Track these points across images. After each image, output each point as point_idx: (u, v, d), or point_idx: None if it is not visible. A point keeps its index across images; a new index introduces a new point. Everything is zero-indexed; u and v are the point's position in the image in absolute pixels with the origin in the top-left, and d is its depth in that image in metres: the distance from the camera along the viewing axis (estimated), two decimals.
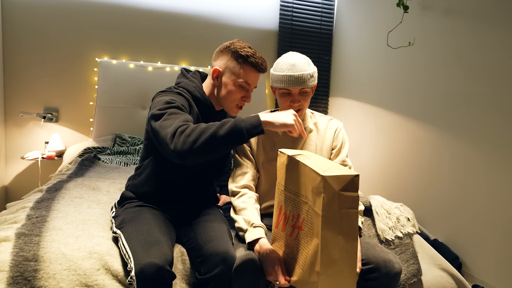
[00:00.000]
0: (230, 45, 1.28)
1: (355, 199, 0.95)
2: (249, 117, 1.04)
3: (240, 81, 1.26)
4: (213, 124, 1.03)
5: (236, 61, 1.26)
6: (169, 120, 1.09)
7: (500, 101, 1.73)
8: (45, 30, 2.65)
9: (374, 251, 1.21)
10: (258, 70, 1.28)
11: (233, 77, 1.27)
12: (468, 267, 1.85)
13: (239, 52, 1.25)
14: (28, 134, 2.69)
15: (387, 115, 2.51)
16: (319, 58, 3.24)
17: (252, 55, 1.25)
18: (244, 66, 1.26)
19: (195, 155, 1.01)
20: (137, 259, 1.02)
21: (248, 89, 1.29)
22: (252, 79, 1.28)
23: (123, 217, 1.23)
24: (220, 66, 1.28)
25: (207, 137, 0.99)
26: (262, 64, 1.28)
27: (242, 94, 1.29)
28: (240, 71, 1.26)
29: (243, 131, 1.01)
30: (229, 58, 1.27)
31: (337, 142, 1.41)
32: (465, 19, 1.92)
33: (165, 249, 1.06)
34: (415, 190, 2.23)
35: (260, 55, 1.29)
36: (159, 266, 0.99)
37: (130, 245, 1.09)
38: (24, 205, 1.41)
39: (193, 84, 1.32)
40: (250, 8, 3.09)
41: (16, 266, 1.04)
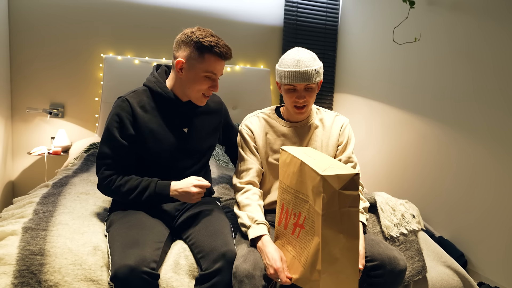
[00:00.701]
0: (192, 35, 1.22)
1: (356, 197, 0.94)
2: (163, 187, 1.24)
3: (205, 72, 1.24)
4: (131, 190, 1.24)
5: (199, 52, 1.22)
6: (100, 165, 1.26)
7: (508, 97, 1.71)
8: (51, 26, 2.66)
9: (379, 248, 1.20)
10: (223, 59, 1.25)
11: (197, 68, 1.23)
12: (473, 264, 1.84)
13: (201, 43, 1.21)
14: (35, 129, 2.71)
15: (393, 111, 2.49)
16: (324, 54, 3.21)
17: (216, 44, 1.21)
18: (208, 56, 1.22)
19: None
20: (113, 263, 1.03)
21: (214, 78, 1.27)
22: (218, 68, 1.25)
23: (112, 219, 1.24)
24: (183, 58, 1.24)
25: (127, 200, 1.25)
26: (227, 53, 1.24)
27: (209, 84, 1.27)
28: (203, 62, 1.22)
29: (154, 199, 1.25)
30: (191, 49, 1.22)
31: (343, 138, 1.40)
32: (471, 14, 1.90)
33: (144, 250, 1.05)
34: (421, 187, 2.21)
35: (224, 42, 1.24)
36: (132, 268, 0.99)
37: (111, 249, 1.10)
38: (31, 200, 1.43)
39: (154, 79, 1.31)
40: (254, 4, 3.07)
41: (22, 260, 1.06)
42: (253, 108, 2.90)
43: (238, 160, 1.40)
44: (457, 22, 1.99)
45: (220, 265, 1.09)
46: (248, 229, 1.20)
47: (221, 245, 1.12)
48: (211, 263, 1.10)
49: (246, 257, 1.11)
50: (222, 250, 1.11)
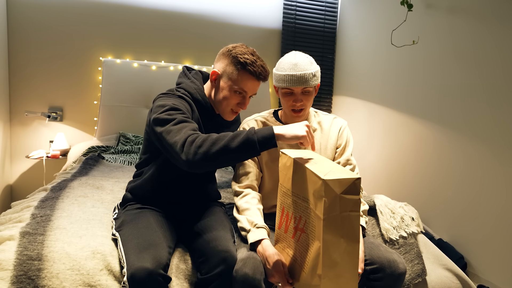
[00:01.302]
0: (232, 49, 1.25)
1: (357, 202, 0.94)
2: (262, 128, 1.04)
3: (236, 87, 1.24)
4: (224, 135, 1.04)
5: (235, 67, 1.23)
6: (176, 127, 1.09)
7: (507, 98, 1.71)
8: (50, 29, 2.66)
9: (379, 251, 1.20)
10: (257, 79, 1.24)
11: (229, 82, 1.24)
12: (473, 267, 1.84)
13: (238, 58, 1.22)
14: (33, 133, 2.70)
15: (391, 113, 2.49)
16: (322, 57, 3.22)
17: (252, 63, 1.21)
18: (242, 73, 1.22)
19: (206, 166, 1.03)
20: (129, 263, 1.02)
21: (244, 95, 1.27)
22: (249, 87, 1.25)
23: (123, 219, 1.23)
24: (219, 69, 1.26)
25: (218, 149, 1.01)
26: (262, 74, 1.23)
27: (238, 100, 1.27)
28: (237, 77, 1.23)
29: (255, 144, 1.01)
30: (228, 63, 1.24)
31: (342, 141, 1.40)
32: (469, 17, 1.90)
33: (159, 252, 1.05)
34: (420, 189, 2.21)
35: (262, 63, 1.24)
36: (150, 271, 0.99)
37: (125, 249, 1.09)
38: (28, 204, 1.42)
39: (194, 86, 1.30)
40: (253, 7, 3.08)
41: (20, 265, 1.05)
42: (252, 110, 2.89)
43: (237, 164, 1.39)
44: (455, 25, 1.99)
45: (220, 270, 1.09)
46: (248, 233, 1.20)
47: (222, 250, 1.12)
48: (212, 268, 1.10)
49: (246, 261, 1.11)
50: (223, 255, 1.11)
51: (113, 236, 1.21)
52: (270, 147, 1.03)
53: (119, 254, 1.12)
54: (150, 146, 1.30)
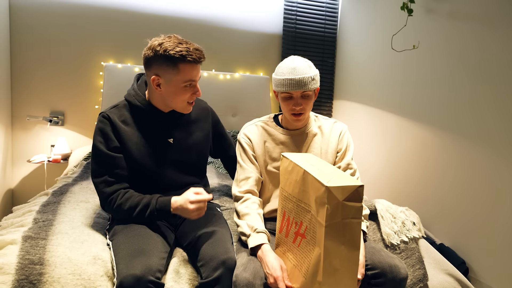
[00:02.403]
0: (159, 48, 1.16)
1: (359, 209, 0.94)
2: (163, 203, 1.21)
3: (184, 83, 1.21)
4: (133, 208, 1.21)
5: (173, 64, 1.16)
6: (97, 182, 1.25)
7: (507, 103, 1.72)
8: (52, 34, 2.68)
9: (380, 256, 1.20)
10: (197, 63, 1.20)
11: (174, 81, 1.19)
12: (475, 272, 1.83)
13: (171, 54, 1.15)
14: (35, 137, 2.71)
15: (392, 118, 2.50)
16: (323, 61, 3.24)
17: (187, 52, 1.16)
18: (182, 66, 1.17)
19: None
20: (119, 272, 1.03)
21: (194, 85, 1.25)
22: (194, 74, 1.22)
23: (115, 228, 1.23)
24: (156, 73, 1.20)
25: (130, 217, 1.23)
26: (200, 57, 1.19)
27: (190, 91, 1.25)
28: (179, 73, 1.18)
29: (155, 215, 1.22)
30: (162, 63, 1.17)
31: (342, 145, 1.40)
32: (469, 22, 1.91)
33: (149, 259, 1.05)
34: (421, 194, 2.21)
35: (194, 45, 1.19)
36: (139, 278, 0.99)
37: (116, 258, 1.10)
38: (30, 209, 1.42)
39: (133, 93, 1.29)
40: (254, 12, 3.10)
41: (21, 269, 1.05)
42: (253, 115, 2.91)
43: (237, 169, 1.40)
44: (455, 29, 2.00)
45: (220, 273, 1.09)
46: (248, 238, 1.20)
47: (221, 253, 1.12)
48: (211, 271, 1.10)
49: (246, 266, 1.11)
50: (222, 258, 1.11)
51: (108, 246, 1.21)
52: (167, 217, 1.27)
53: (112, 263, 1.12)
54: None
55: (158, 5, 2.87)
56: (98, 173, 1.24)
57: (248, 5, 3.08)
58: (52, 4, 2.65)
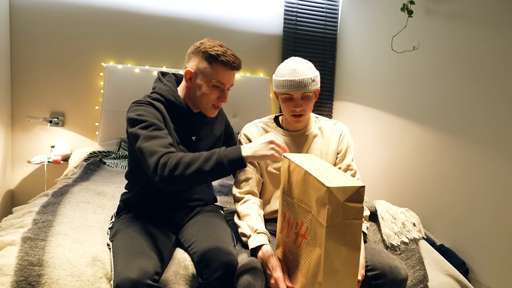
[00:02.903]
0: (200, 45, 1.25)
1: (360, 210, 0.94)
2: (231, 150, 1.05)
3: (213, 81, 1.24)
4: (197, 158, 1.05)
5: (207, 61, 1.23)
6: (147, 146, 1.10)
7: (508, 104, 1.72)
8: (52, 35, 2.68)
9: (380, 257, 1.20)
10: (231, 68, 1.24)
11: (205, 78, 1.24)
12: (475, 273, 1.83)
13: (209, 52, 1.22)
14: (35, 138, 2.71)
15: (392, 119, 2.49)
16: (323, 62, 3.24)
17: (223, 53, 1.22)
18: (215, 65, 1.23)
19: (180, 187, 1.06)
20: (116, 274, 1.02)
21: (223, 88, 1.27)
22: (225, 78, 1.25)
23: (116, 228, 1.23)
24: (192, 68, 1.26)
25: (192, 172, 1.03)
26: (234, 62, 1.24)
27: (217, 94, 1.26)
28: (211, 71, 1.23)
29: (225, 167, 1.04)
30: (200, 59, 1.24)
31: (342, 146, 1.40)
32: (469, 22, 1.91)
33: (147, 262, 1.04)
34: (421, 195, 2.21)
35: (232, 52, 1.25)
36: (135, 281, 0.98)
37: (114, 259, 1.09)
38: (30, 210, 1.42)
39: (167, 88, 1.30)
40: (254, 13, 3.10)
41: (20, 271, 1.05)
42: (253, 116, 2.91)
43: (238, 170, 1.40)
44: (455, 31, 2.00)
45: (221, 273, 1.09)
46: (248, 238, 1.20)
47: (223, 254, 1.12)
48: (213, 272, 1.10)
49: (246, 267, 1.11)
50: (224, 259, 1.11)
51: (108, 246, 1.21)
52: (240, 168, 1.05)
53: (111, 264, 1.12)
54: (131, 156, 1.30)
55: (159, 6, 2.88)
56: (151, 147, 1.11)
57: (248, 6, 3.08)
58: (52, 5, 2.65)
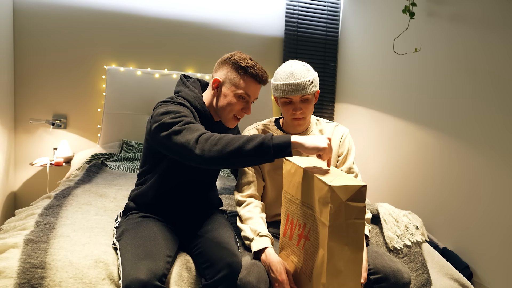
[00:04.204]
0: (231, 56, 1.28)
1: (362, 209, 0.94)
2: (279, 136, 1.02)
3: (240, 92, 1.26)
4: (240, 137, 1.03)
5: (236, 72, 1.26)
6: (185, 127, 1.10)
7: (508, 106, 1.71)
8: (55, 38, 2.69)
9: (383, 260, 1.19)
10: (258, 82, 1.28)
11: (233, 87, 1.26)
12: (479, 276, 1.81)
13: (239, 63, 1.25)
14: (37, 140, 2.72)
15: (394, 121, 2.49)
16: (324, 64, 3.24)
17: (253, 66, 1.25)
18: (244, 77, 1.26)
19: (219, 163, 1.04)
20: (125, 274, 1.02)
21: (248, 100, 1.29)
22: (252, 91, 1.27)
23: (124, 228, 1.23)
24: (220, 77, 1.29)
25: (233, 149, 1.01)
26: (263, 76, 1.27)
27: (242, 105, 1.28)
28: (240, 81, 1.26)
29: (270, 150, 0.99)
30: (229, 69, 1.27)
31: (343, 149, 1.40)
32: (470, 25, 1.91)
33: (155, 263, 1.05)
34: (423, 197, 2.20)
35: (261, 66, 1.29)
36: (144, 282, 0.98)
37: (122, 259, 1.09)
38: (32, 212, 1.43)
39: (193, 94, 1.31)
40: (255, 15, 3.11)
41: (23, 273, 1.05)
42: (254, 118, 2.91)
43: (239, 174, 1.39)
44: (457, 32, 2.00)
45: (224, 274, 1.09)
46: (251, 242, 1.20)
47: (227, 255, 1.12)
48: (217, 272, 1.10)
49: (250, 270, 1.11)
50: (228, 260, 1.11)
51: (114, 246, 1.21)
52: (284, 156, 1.00)
53: (118, 264, 1.12)
54: (150, 155, 1.31)
55: (160, 8, 2.89)
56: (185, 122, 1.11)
57: (250, 8, 3.09)
58: (55, 9, 2.67)
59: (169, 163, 1.28)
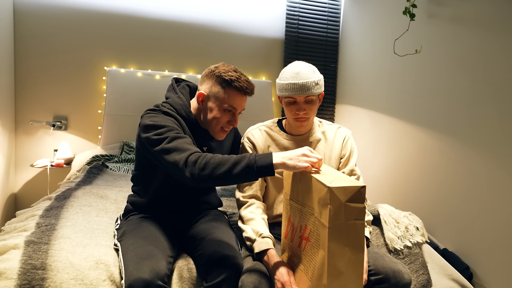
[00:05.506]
0: (215, 69, 1.27)
1: (362, 210, 0.94)
2: (262, 157, 1.05)
3: (225, 105, 1.26)
4: (227, 160, 1.06)
5: (220, 86, 1.25)
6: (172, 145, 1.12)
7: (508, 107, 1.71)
8: (55, 40, 2.70)
9: (383, 261, 1.19)
10: (244, 94, 1.27)
11: (218, 101, 1.26)
12: (479, 277, 1.81)
13: (223, 77, 1.24)
14: (38, 142, 2.73)
15: (394, 122, 2.49)
16: (325, 66, 3.24)
17: (237, 79, 1.24)
18: (228, 90, 1.25)
19: (210, 184, 1.08)
20: (127, 274, 1.03)
21: (234, 112, 1.29)
22: (237, 103, 1.27)
23: (124, 229, 1.24)
24: (205, 91, 1.28)
25: (221, 174, 1.05)
26: (248, 88, 1.26)
27: (228, 117, 1.28)
28: (224, 95, 1.25)
29: (254, 172, 1.04)
30: (213, 83, 1.26)
31: (346, 151, 1.40)
32: (470, 27, 1.92)
33: (158, 263, 1.05)
34: (424, 198, 2.20)
35: (246, 78, 1.28)
36: (147, 282, 0.99)
37: (124, 259, 1.09)
38: (33, 213, 1.43)
39: (180, 101, 1.31)
40: (256, 16, 3.12)
41: (24, 274, 1.05)
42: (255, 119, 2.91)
43: None
44: (457, 34, 2.00)
45: (226, 276, 1.09)
46: (253, 243, 1.20)
47: (228, 257, 1.13)
48: (218, 274, 1.10)
49: (251, 272, 1.11)
50: (229, 261, 1.11)
51: (115, 246, 1.22)
52: (268, 175, 1.05)
53: (119, 264, 1.12)
54: (142, 161, 1.31)
55: (161, 10, 2.89)
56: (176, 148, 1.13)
57: (250, 10, 3.10)
58: (55, 10, 2.67)
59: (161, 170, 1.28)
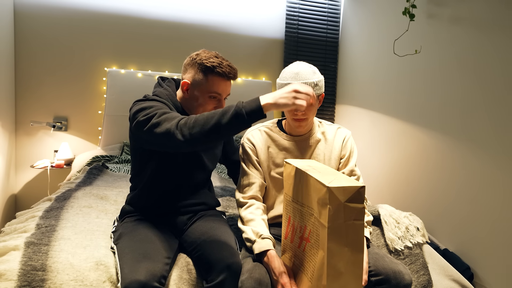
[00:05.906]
0: (196, 57, 1.27)
1: (361, 210, 0.94)
2: (249, 101, 1.04)
3: (210, 92, 1.26)
4: (214, 113, 1.05)
5: (203, 73, 1.25)
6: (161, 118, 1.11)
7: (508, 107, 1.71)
8: (55, 41, 2.70)
9: (384, 262, 1.19)
10: (227, 79, 1.27)
11: (202, 89, 1.26)
12: (480, 277, 1.81)
13: (204, 64, 1.24)
14: (38, 142, 2.73)
15: (394, 122, 2.49)
16: (325, 66, 3.24)
17: (219, 64, 1.24)
18: (211, 77, 1.25)
19: (203, 142, 1.06)
20: (123, 276, 1.02)
21: (220, 98, 1.29)
22: (222, 89, 1.27)
23: (121, 232, 1.24)
24: (188, 79, 1.28)
25: (211, 127, 1.04)
26: (230, 72, 1.26)
27: (214, 104, 1.29)
28: (208, 82, 1.25)
29: (244, 117, 1.03)
30: (196, 71, 1.26)
31: (346, 151, 1.40)
32: (470, 27, 1.92)
33: (154, 264, 1.05)
34: (425, 199, 2.20)
35: (228, 62, 1.27)
36: (143, 284, 0.99)
37: (120, 262, 1.09)
38: (33, 214, 1.43)
39: (166, 92, 1.32)
40: (256, 17, 3.12)
41: (24, 276, 1.05)
42: None
43: (241, 175, 1.39)
44: (457, 34, 2.00)
45: (225, 276, 1.09)
46: (253, 244, 1.20)
47: (227, 257, 1.12)
48: (217, 275, 1.10)
49: (251, 272, 1.10)
50: (228, 262, 1.11)
51: (112, 249, 1.21)
52: (259, 118, 1.03)
53: (116, 267, 1.12)
54: (136, 159, 1.31)
55: (161, 11, 2.89)
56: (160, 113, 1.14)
57: (250, 10, 3.10)
58: (55, 11, 2.68)
59: (156, 166, 1.28)
